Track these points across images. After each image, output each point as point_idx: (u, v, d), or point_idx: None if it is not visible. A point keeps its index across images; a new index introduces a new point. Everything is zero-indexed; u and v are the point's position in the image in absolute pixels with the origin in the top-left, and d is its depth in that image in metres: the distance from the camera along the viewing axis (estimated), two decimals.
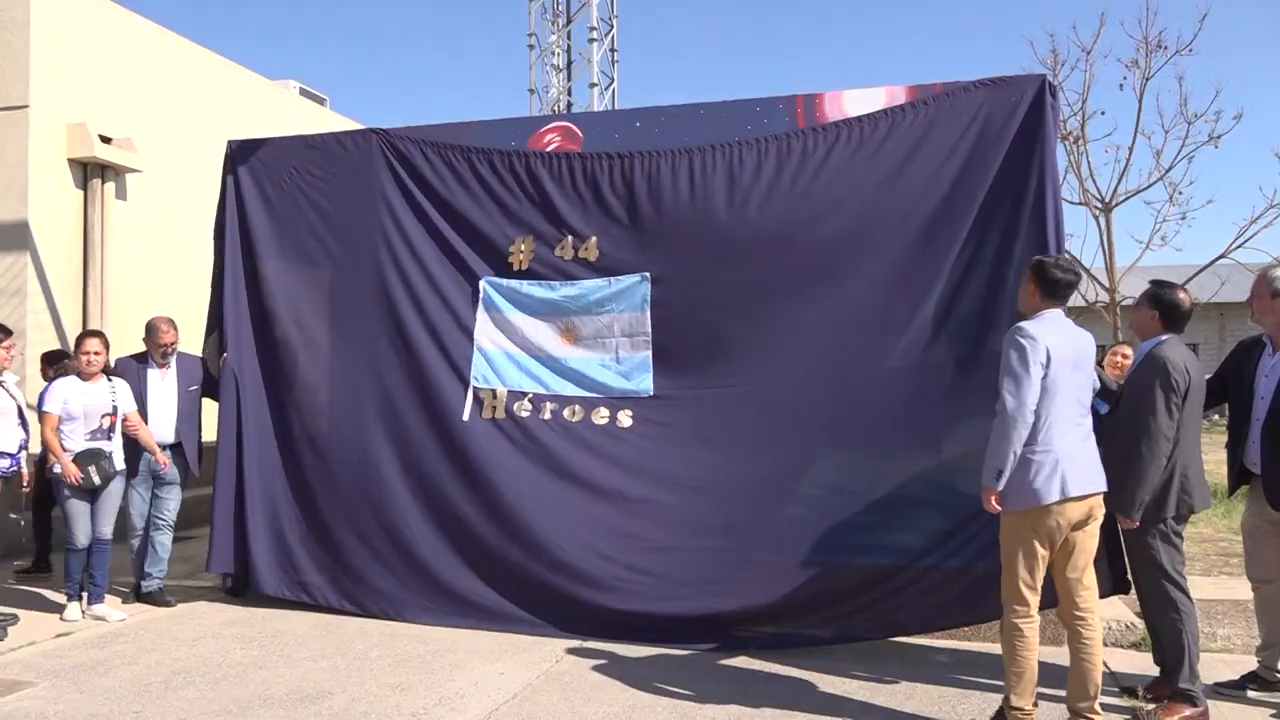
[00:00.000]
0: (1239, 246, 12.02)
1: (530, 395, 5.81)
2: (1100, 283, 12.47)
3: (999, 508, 3.87)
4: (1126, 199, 12.25)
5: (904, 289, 5.16)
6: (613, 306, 5.71)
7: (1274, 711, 4.29)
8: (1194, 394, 4.19)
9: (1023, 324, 3.91)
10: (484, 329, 5.93)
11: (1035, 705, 3.88)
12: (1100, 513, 3.95)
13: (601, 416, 5.67)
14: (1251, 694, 4.48)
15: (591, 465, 5.58)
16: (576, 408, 5.73)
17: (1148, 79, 12.13)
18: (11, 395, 5.56)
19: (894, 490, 5.01)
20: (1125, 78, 12.34)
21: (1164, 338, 4.31)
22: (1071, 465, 3.79)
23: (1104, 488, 3.94)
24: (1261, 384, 4.39)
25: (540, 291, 5.85)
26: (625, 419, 5.62)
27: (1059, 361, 3.80)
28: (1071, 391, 3.86)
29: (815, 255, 5.35)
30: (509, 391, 5.84)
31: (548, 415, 5.76)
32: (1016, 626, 3.85)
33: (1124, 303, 10.03)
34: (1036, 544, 3.82)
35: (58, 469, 5.64)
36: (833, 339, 5.26)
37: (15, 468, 5.56)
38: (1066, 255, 4.56)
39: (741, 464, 5.30)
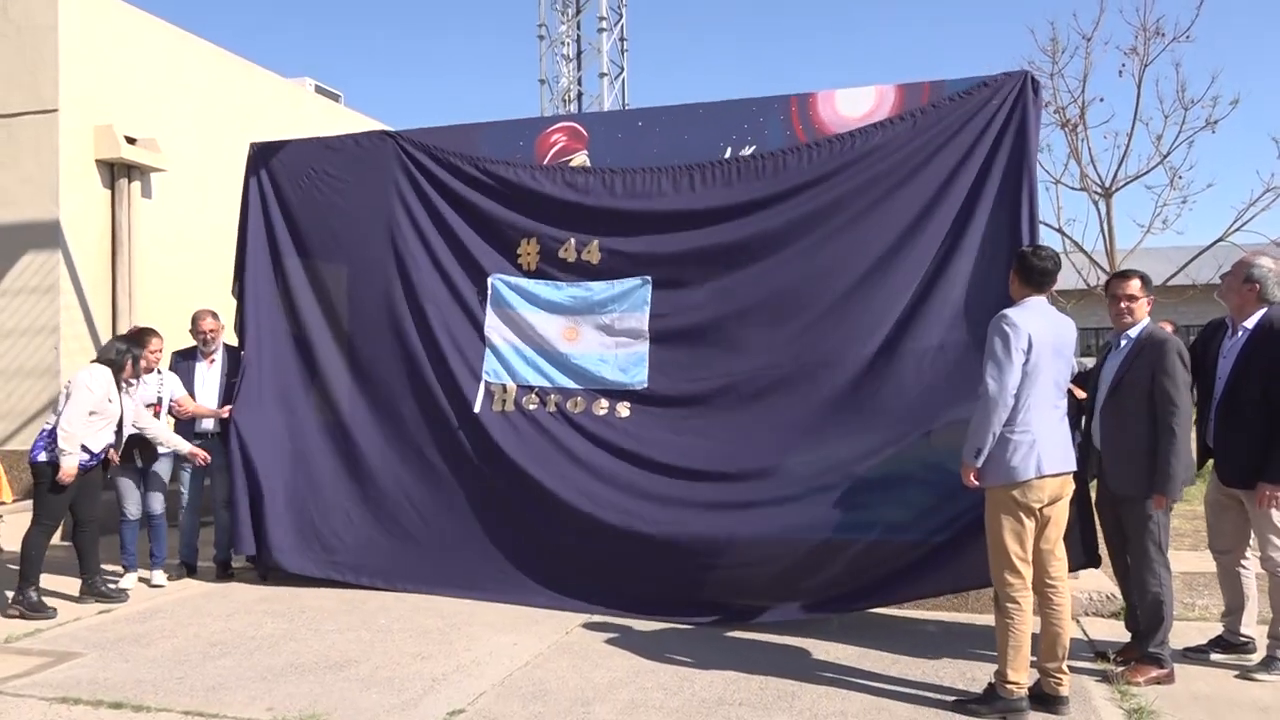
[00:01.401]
0: (1238, 229, 12.18)
1: (536, 389, 6.13)
2: (1101, 266, 12.66)
3: (977, 483, 4.15)
4: (1127, 184, 12.41)
5: (887, 283, 5.46)
6: (615, 307, 6.02)
7: (1238, 673, 4.58)
8: None
9: (1007, 311, 4.13)
10: (494, 325, 6.26)
11: (1027, 677, 4.08)
12: (1070, 490, 4.21)
13: (601, 408, 5.99)
14: (1216, 657, 4.78)
15: (593, 451, 5.91)
16: (579, 399, 6.05)
17: (1146, 65, 12.26)
18: (122, 406, 5.97)
19: (881, 469, 5.29)
20: (1124, 64, 12.48)
21: (1147, 321, 4.59)
22: (1047, 446, 4.03)
23: (1074, 467, 4.20)
24: (1220, 364, 4.65)
25: (546, 291, 6.17)
26: (623, 410, 5.94)
27: (1040, 347, 4.03)
28: (1050, 376, 4.09)
29: (805, 260, 5.68)
30: (518, 386, 6.16)
31: (553, 408, 6.09)
32: (1012, 599, 4.05)
33: None
34: (1020, 517, 4.05)
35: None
36: (819, 333, 5.58)
37: (94, 463, 5.97)
38: (1047, 246, 4.82)
39: (731, 448, 5.62)
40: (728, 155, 5.98)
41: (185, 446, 6.38)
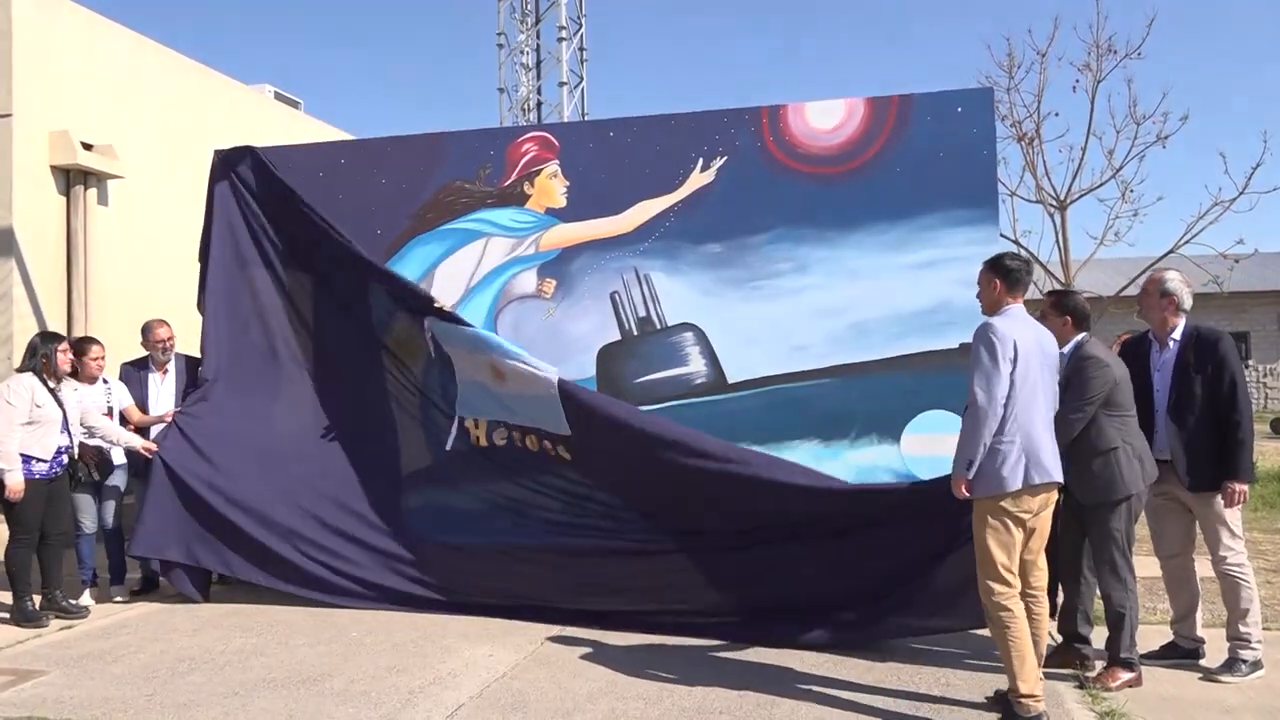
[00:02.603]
0: (1187, 242, 12.44)
1: (501, 425, 6.02)
2: (1057, 277, 12.89)
3: (968, 494, 4.09)
4: (1080, 197, 12.61)
5: None
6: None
7: (1201, 675, 4.69)
8: (1125, 384, 4.59)
9: (991, 321, 4.11)
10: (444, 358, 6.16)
11: (1041, 689, 3.99)
12: (1054, 499, 4.21)
13: (548, 447, 5.88)
14: (1173, 662, 4.87)
15: (556, 483, 5.88)
16: (532, 437, 5.93)
17: (1099, 81, 12.48)
18: (59, 405, 5.87)
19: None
20: (1078, 80, 12.69)
21: (1081, 338, 4.69)
22: (1036, 456, 4.01)
23: (1061, 478, 4.13)
24: (1156, 378, 4.83)
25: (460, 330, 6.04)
26: (565, 453, 5.83)
27: (1026, 355, 4.02)
28: (1038, 384, 4.07)
29: None
30: (488, 421, 6.07)
31: (502, 440, 6.02)
32: (1004, 607, 3.99)
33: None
34: (1009, 526, 4.02)
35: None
36: None
37: (55, 472, 5.90)
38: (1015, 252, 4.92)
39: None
40: (699, 166, 6.03)
41: (138, 442, 6.22)
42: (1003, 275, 4.23)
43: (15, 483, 5.64)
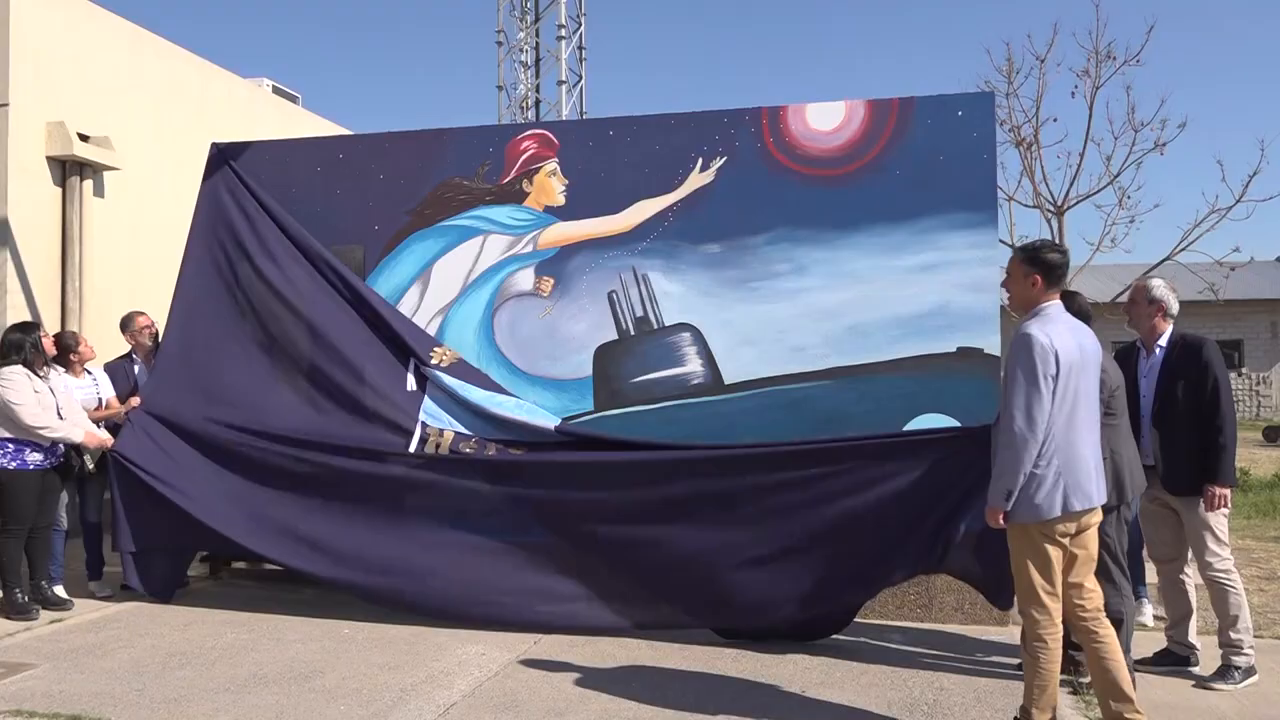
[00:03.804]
0: (1183, 249, 12.46)
1: (475, 439, 5.94)
2: None
3: (1003, 524, 3.80)
4: (1078, 202, 12.63)
5: None
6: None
7: (1195, 682, 4.69)
8: (1120, 391, 4.59)
9: (1031, 332, 3.70)
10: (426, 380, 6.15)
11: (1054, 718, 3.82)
12: (1099, 517, 3.90)
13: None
14: (1166, 669, 4.87)
15: (545, 490, 5.74)
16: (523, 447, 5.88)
17: (1098, 88, 12.52)
18: (51, 393, 5.84)
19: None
20: (1076, 86, 12.73)
21: None
22: (1075, 479, 3.71)
23: (1103, 499, 3.85)
24: (1142, 384, 4.86)
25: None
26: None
27: (1068, 367, 3.67)
28: (1080, 397, 3.74)
29: None
30: (454, 434, 5.97)
31: (493, 451, 5.90)
32: (1040, 637, 3.75)
33: None
34: (1046, 550, 3.74)
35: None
36: None
37: (50, 462, 5.87)
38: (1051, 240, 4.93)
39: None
40: (698, 166, 6.01)
41: (108, 441, 6.04)
42: (1045, 270, 3.81)
43: (95, 437, 5.93)
